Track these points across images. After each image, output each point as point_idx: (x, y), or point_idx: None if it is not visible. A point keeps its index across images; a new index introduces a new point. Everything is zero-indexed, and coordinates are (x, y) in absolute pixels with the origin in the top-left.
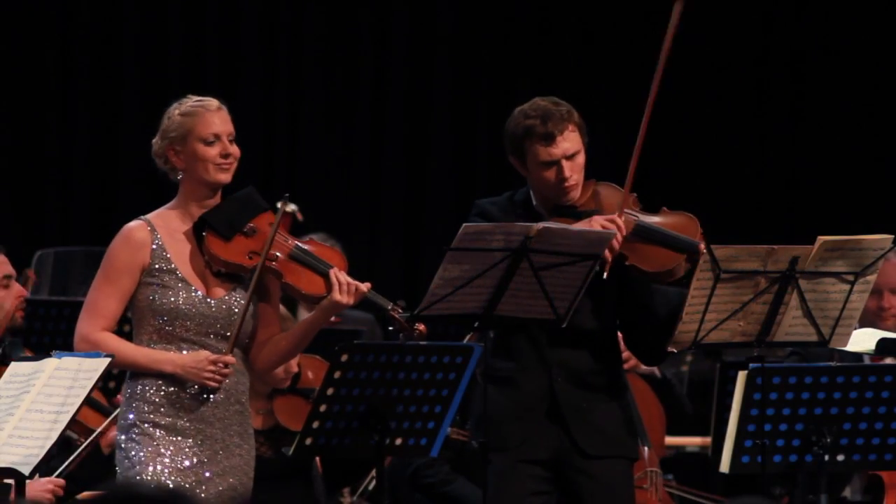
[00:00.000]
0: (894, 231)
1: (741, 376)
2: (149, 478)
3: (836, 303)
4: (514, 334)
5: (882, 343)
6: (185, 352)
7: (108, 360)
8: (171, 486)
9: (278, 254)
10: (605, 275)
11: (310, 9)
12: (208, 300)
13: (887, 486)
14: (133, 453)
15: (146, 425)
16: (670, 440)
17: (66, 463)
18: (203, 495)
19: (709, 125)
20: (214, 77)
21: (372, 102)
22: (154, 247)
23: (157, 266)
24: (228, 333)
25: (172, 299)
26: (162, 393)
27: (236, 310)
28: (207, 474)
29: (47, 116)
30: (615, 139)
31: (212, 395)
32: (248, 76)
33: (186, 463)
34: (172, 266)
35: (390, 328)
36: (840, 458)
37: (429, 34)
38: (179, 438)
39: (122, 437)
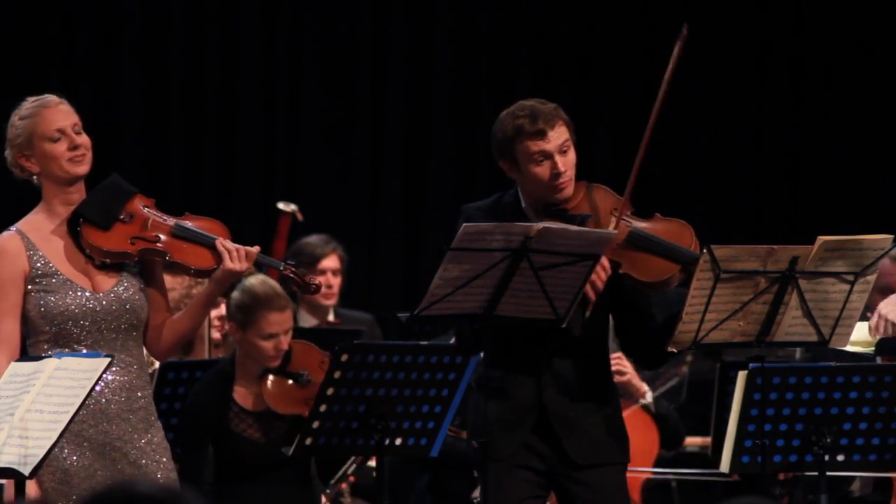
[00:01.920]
0: (894, 231)
1: (741, 376)
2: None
3: (836, 303)
4: (503, 344)
5: (882, 343)
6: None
7: (107, 359)
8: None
9: (160, 234)
10: (586, 314)
11: (310, 10)
12: (98, 295)
13: None
14: None
15: None
16: None
17: None
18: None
19: (709, 124)
20: (215, 78)
21: (372, 103)
22: (30, 253)
23: (37, 271)
24: (124, 325)
25: (61, 301)
26: None
27: (126, 297)
28: (119, 467)
29: None
30: (616, 138)
31: (113, 396)
32: (249, 77)
33: (89, 454)
34: (53, 268)
35: (291, 288)
36: (840, 458)
37: (429, 35)
38: (86, 444)
39: None
